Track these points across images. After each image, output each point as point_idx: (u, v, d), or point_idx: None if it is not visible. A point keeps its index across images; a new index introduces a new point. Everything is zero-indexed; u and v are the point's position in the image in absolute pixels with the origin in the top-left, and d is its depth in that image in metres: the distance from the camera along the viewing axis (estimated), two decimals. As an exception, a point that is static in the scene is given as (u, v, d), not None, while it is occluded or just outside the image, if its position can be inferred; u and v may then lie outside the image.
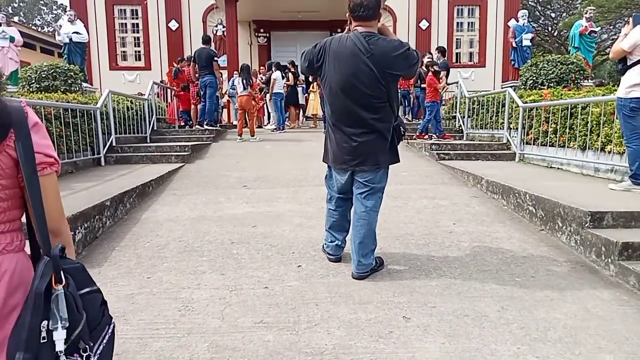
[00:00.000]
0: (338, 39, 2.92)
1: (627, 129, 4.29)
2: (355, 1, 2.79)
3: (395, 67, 2.81)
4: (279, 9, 14.05)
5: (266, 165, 6.90)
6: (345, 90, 2.84)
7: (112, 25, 15.65)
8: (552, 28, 29.52)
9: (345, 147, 2.95)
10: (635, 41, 4.14)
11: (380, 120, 2.88)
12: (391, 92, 2.88)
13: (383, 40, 2.80)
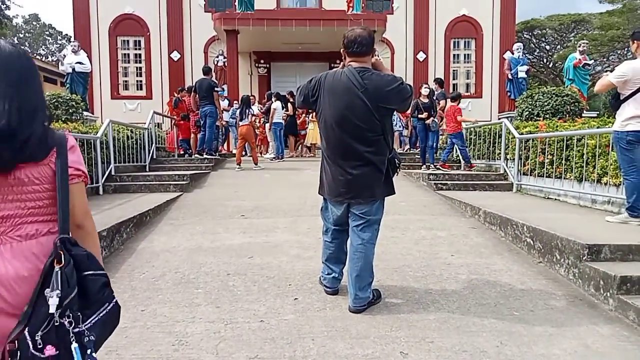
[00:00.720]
0: (333, 74, 2.98)
1: (624, 161, 4.27)
2: (350, 38, 2.88)
3: (388, 101, 2.88)
4: (279, 41, 14.36)
5: (264, 195, 6.91)
6: (340, 124, 2.89)
7: (115, 56, 15.95)
8: (547, 60, 30.15)
9: (340, 179, 2.96)
10: (624, 74, 4.16)
11: (375, 153, 2.91)
12: (385, 126, 2.94)
13: (377, 75, 2.87)
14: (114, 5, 15.68)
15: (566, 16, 28.09)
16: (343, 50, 2.97)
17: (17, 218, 1.35)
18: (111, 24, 15.79)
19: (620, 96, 4.27)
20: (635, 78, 4.12)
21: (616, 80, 4.22)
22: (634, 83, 4.13)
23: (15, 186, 1.34)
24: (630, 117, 4.17)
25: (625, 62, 4.28)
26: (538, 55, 30.57)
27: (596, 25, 24.76)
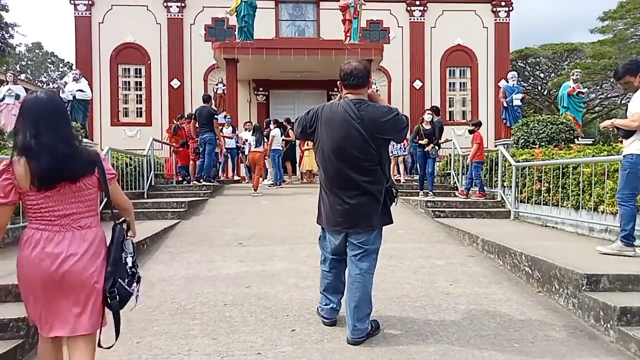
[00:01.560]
0: (330, 106, 3.05)
1: (627, 187, 4.11)
2: (346, 70, 2.97)
3: (384, 131, 2.94)
4: (278, 69, 14.59)
5: (262, 222, 6.90)
6: (337, 154, 2.93)
7: (115, 83, 16.15)
8: (541, 87, 30.59)
9: (338, 209, 2.99)
10: None
11: (372, 182, 2.95)
12: (382, 156, 2.99)
13: (372, 107, 2.96)
14: (116, 35, 15.96)
15: (559, 45, 28.67)
16: (340, 83, 3.06)
17: (77, 214, 2.04)
18: (113, 52, 16.04)
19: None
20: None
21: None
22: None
23: (77, 192, 2.03)
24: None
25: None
26: (533, 83, 31.05)
27: (589, 54, 25.25)
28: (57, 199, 1.99)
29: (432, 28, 16.85)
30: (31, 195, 1.97)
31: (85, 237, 2.02)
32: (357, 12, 13.82)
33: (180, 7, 16.19)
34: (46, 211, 1.99)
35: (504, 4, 16.83)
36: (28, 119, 1.98)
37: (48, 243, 1.96)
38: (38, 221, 1.99)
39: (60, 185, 1.97)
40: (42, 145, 1.93)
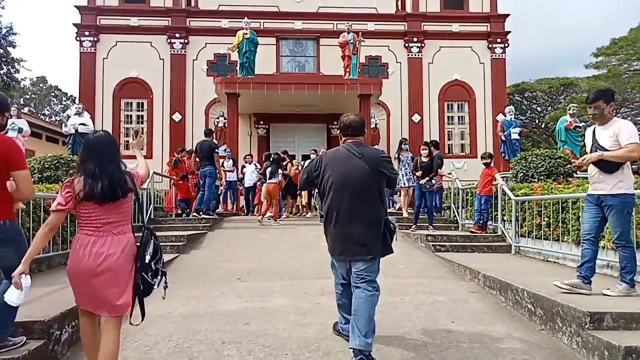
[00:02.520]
0: (333, 150, 3.60)
1: (626, 227, 3.94)
2: (345, 123, 3.49)
3: (383, 166, 3.36)
4: (278, 103, 14.82)
5: (262, 256, 6.85)
6: (344, 186, 3.29)
7: (117, 117, 16.36)
8: (539, 121, 31.01)
9: (342, 238, 3.30)
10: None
11: (374, 212, 3.31)
12: (382, 188, 3.38)
13: (370, 147, 3.55)
14: (119, 69, 16.29)
15: (555, 80, 29.26)
16: (340, 132, 3.58)
17: (117, 222, 2.63)
18: (116, 87, 16.33)
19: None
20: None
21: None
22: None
23: (118, 205, 2.63)
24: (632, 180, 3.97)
25: (629, 122, 4.09)
26: (530, 116, 31.50)
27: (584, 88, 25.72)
28: (103, 210, 2.59)
29: (430, 64, 17.22)
30: (84, 206, 2.58)
31: (121, 241, 2.62)
32: (356, 48, 14.16)
33: (183, 43, 16.60)
34: (94, 219, 2.58)
35: (499, 41, 17.26)
36: (92, 152, 2.64)
37: (94, 245, 2.55)
38: (87, 227, 2.59)
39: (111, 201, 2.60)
40: (102, 171, 2.57)
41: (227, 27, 16.41)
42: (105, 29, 16.39)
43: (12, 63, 21.07)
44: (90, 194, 2.53)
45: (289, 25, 17.05)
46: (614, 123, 4.04)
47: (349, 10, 16.76)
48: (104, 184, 2.55)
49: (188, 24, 16.74)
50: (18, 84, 25.58)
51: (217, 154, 10.11)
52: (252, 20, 14.54)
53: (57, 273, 5.31)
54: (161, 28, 16.54)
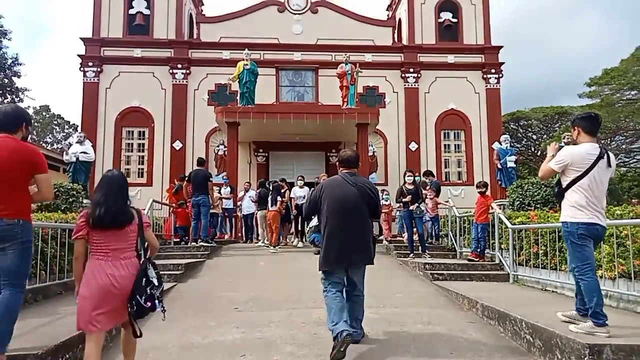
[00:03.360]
0: (330, 179, 4.44)
1: (577, 259, 3.84)
2: (343, 157, 4.33)
3: (371, 191, 4.18)
4: (278, 132, 15.01)
5: (259, 285, 6.82)
6: (340, 208, 4.04)
7: (119, 145, 16.53)
8: (534, 148, 31.28)
9: (342, 250, 3.97)
10: (564, 160, 3.88)
11: (364, 230, 4.11)
12: (369, 210, 4.13)
13: (361, 177, 4.37)
14: (122, 99, 16.57)
15: (549, 108, 29.69)
16: (338, 164, 4.43)
17: (123, 249, 3.06)
18: (118, 116, 16.56)
19: (563, 183, 3.97)
20: (578, 164, 3.83)
21: (557, 167, 3.93)
22: (575, 169, 3.84)
23: (124, 234, 3.07)
24: (580, 207, 3.80)
25: (566, 147, 4.03)
26: (526, 144, 31.80)
27: (579, 116, 26.06)
28: (111, 238, 3.04)
29: (426, 93, 17.55)
30: (95, 234, 3.03)
31: (127, 265, 3.05)
32: (354, 79, 14.47)
33: (185, 74, 16.93)
34: (104, 246, 3.02)
35: (493, 72, 17.65)
36: (103, 185, 3.15)
37: (105, 268, 2.98)
38: (98, 253, 3.02)
39: (114, 228, 3.03)
40: (107, 201, 3.04)
41: (228, 58, 16.79)
42: (109, 60, 16.75)
43: (16, 92, 21.41)
44: (93, 218, 3.00)
45: (288, 57, 17.45)
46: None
47: (346, 42, 17.21)
48: (107, 211, 3.00)
49: (190, 55, 17.12)
50: (20, 112, 25.86)
51: (211, 183, 10.18)
52: (252, 52, 14.89)
53: (53, 303, 5.29)
54: (164, 59, 16.90)
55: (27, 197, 3.27)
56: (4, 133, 3.20)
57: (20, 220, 3.15)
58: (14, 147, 3.17)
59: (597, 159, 3.79)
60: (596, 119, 4.03)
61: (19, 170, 3.15)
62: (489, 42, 17.90)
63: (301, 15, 17.75)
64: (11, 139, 3.19)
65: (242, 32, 17.23)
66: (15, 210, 3.13)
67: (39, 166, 3.24)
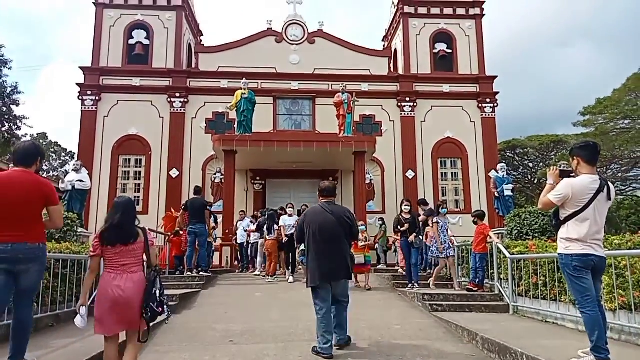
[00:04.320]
0: (312, 208, 5.21)
1: (576, 292, 3.81)
2: (322, 187, 5.08)
3: (347, 217, 4.93)
4: (275, 160, 15.05)
5: (255, 316, 6.69)
6: (320, 233, 4.80)
7: (115, 173, 16.50)
8: (531, 176, 31.42)
9: (324, 267, 4.67)
10: (564, 194, 3.84)
11: (342, 250, 4.86)
12: (345, 233, 4.88)
13: (337, 206, 5.14)
14: (119, 127, 16.65)
15: (545, 137, 29.98)
16: (318, 194, 5.13)
17: (131, 264, 3.55)
18: (115, 144, 16.60)
19: (561, 215, 3.93)
20: (577, 198, 3.79)
21: (556, 200, 3.88)
22: (575, 203, 3.80)
23: (131, 250, 3.56)
24: (572, 239, 3.80)
25: (565, 180, 3.93)
26: (522, 172, 31.95)
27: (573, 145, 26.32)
28: (121, 254, 3.58)
29: (422, 122, 17.72)
30: (107, 251, 3.58)
31: (134, 277, 3.57)
32: (351, 107, 14.63)
33: (183, 102, 17.09)
34: (115, 261, 3.57)
35: (489, 101, 17.89)
36: (114, 207, 3.69)
37: (115, 280, 3.49)
38: (110, 268, 3.56)
39: (123, 246, 3.57)
40: (116, 219, 3.59)
41: (226, 87, 16.99)
42: (108, 89, 16.92)
43: (15, 120, 21.49)
44: (104, 234, 3.57)
45: (286, 86, 17.67)
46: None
47: (343, 71, 17.48)
48: (116, 229, 3.57)
49: (188, 84, 17.32)
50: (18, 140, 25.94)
51: (208, 211, 10.13)
52: (250, 81, 15.08)
53: (45, 337, 5.15)
54: (162, 88, 17.08)
55: (42, 225, 3.80)
56: (21, 167, 3.70)
57: (40, 244, 3.71)
58: (30, 181, 3.66)
59: (597, 192, 3.76)
60: (595, 147, 3.98)
61: (35, 202, 3.66)
62: (484, 72, 18.22)
63: (298, 45, 18.08)
64: (27, 173, 3.69)
65: (241, 61, 17.49)
66: (35, 236, 3.67)
67: (52, 199, 3.76)
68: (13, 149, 4.06)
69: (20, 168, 3.69)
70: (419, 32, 18.49)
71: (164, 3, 17.90)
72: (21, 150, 3.80)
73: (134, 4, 17.74)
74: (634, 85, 23.19)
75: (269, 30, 18.13)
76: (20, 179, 3.62)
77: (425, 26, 18.57)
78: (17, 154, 3.79)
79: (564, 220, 3.88)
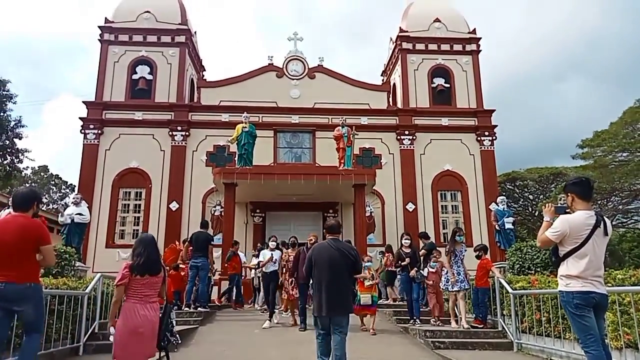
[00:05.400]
0: (319, 244, 5.39)
1: (579, 330, 3.73)
2: (327, 225, 5.31)
3: (350, 253, 5.07)
4: (275, 193, 15.05)
5: (254, 354, 6.54)
6: (326, 268, 4.96)
7: (115, 206, 16.47)
8: (532, 209, 31.33)
9: (325, 300, 4.81)
10: (562, 231, 3.81)
11: (345, 285, 5.01)
12: (349, 269, 5.01)
13: (343, 242, 5.37)
14: (120, 160, 16.75)
15: (544, 169, 30.09)
16: (325, 231, 5.49)
17: (151, 295, 4.09)
18: (115, 177, 16.65)
19: (560, 252, 3.89)
20: (575, 234, 3.77)
21: (554, 237, 3.85)
22: (574, 239, 3.78)
23: (154, 282, 4.11)
24: (575, 276, 3.74)
25: (562, 217, 3.90)
26: (523, 204, 31.89)
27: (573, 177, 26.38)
28: (145, 285, 4.04)
29: (422, 155, 17.84)
30: (135, 282, 4.00)
31: (153, 307, 4.06)
32: (351, 141, 14.75)
33: (184, 135, 17.26)
34: (139, 292, 4.02)
35: (487, 134, 18.06)
36: (141, 242, 4.23)
37: (139, 310, 3.95)
38: (133, 298, 4.00)
39: (150, 277, 4.05)
40: (147, 257, 4.08)
41: (227, 121, 17.19)
42: (110, 122, 17.12)
43: (17, 153, 21.64)
44: (136, 265, 4.01)
45: (286, 119, 17.89)
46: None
47: (343, 105, 17.75)
48: (147, 260, 4.06)
49: (190, 118, 17.55)
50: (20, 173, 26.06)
51: (211, 246, 10.06)
52: (251, 115, 15.28)
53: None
54: (164, 121, 17.29)
55: (35, 264, 3.97)
56: (19, 212, 3.98)
57: (30, 283, 3.87)
58: (23, 224, 3.89)
59: (594, 228, 3.75)
60: (588, 183, 3.98)
61: (26, 243, 3.85)
62: (481, 105, 18.47)
63: (299, 80, 18.41)
64: (22, 217, 3.95)
65: (242, 95, 17.77)
66: (24, 276, 3.83)
67: (43, 239, 3.96)
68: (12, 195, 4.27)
69: (18, 213, 3.99)
70: (417, 67, 18.87)
71: (168, 40, 18.35)
72: (19, 196, 4.12)
73: (138, 41, 18.18)
74: (631, 118, 23.47)
75: (270, 66, 18.51)
76: (16, 223, 3.89)
77: (423, 61, 18.97)
78: (14, 199, 4.11)
79: (563, 257, 3.85)
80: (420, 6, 20.11)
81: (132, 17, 18.41)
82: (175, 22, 18.61)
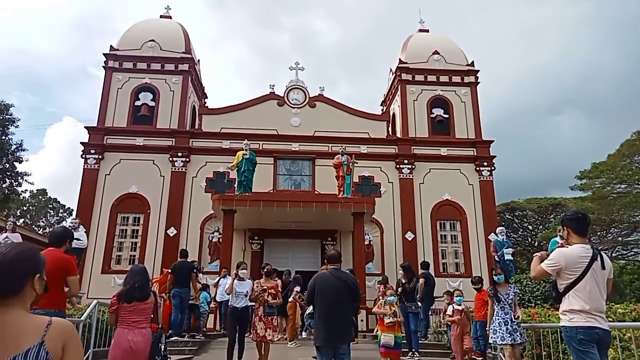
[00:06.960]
0: (320, 274, 5.40)
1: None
2: (329, 255, 5.47)
3: (351, 282, 5.16)
4: (273, 220, 15.02)
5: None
6: (328, 297, 5.03)
7: (112, 231, 16.39)
8: (531, 239, 31.23)
9: (329, 329, 4.89)
10: (557, 262, 3.79)
11: (347, 315, 5.14)
12: (350, 299, 5.10)
13: (344, 272, 5.44)
14: (120, 185, 16.76)
15: (543, 200, 30.17)
16: (326, 261, 5.56)
17: (141, 321, 4.42)
18: (114, 202, 16.62)
19: (559, 287, 3.85)
20: (571, 267, 3.74)
21: (550, 270, 3.83)
22: (570, 273, 3.75)
23: (142, 309, 4.45)
24: (578, 311, 3.67)
25: (558, 250, 3.91)
26: (522, 234, 31.82)
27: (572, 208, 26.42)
28: (134, 312, 4.34)
29: (421, 184, 17.89)
30: (123, 309, 4.37)
31: (143, 333, 4.32)
32: (350, 169, 14.82)
33: (184, 162, 17.34)
34: (128, 318, 4.33)
35: (486, 164, 18.16)
36: (131, 273, 4.58)
37: (127, 335, 4.22)
38: (123, 324, 4.32)
39: (138, 303, 4.35)
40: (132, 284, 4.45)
41: (227, 147, 17.31)
42: (111, 147, 17.22)
43: (16, 177, 21.69)
44: (123, 293, 4.40)
45: (286, 147, 18.02)
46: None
47: (343, 134, 17.92)
48: (130, 288, 4.39)
49: (190, 144, 17.66)
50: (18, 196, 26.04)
51: (194, 275, 9.98)
52: (251, 142, 15.41)
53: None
54: (165, 147, 17.40)
55: (63, 294, 4.51)
56: (53, 247, 4.62)
57: (56, 310, 4.26)
58: (56, 258, 4.43)
59: (591, 262, 3.74)
60: (584, 219, 3.99)
61: (56, 274, 4.33)
62: (480, 136, 18.64)
63: (300, 109, 18.64)
64: (55, 251, 4.55)
65: (243, 123, 17.96)
66: (52, 303, 4.23)
67: (70, 271, 4.55)
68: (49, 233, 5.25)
69: (52, 248, 4.62)
70: (417, 97, 19.15)
71: (171, 68, 18.67)
72: (53, 234, 4.97)
73: (142, 68, 18.49)
74: (628, 150, 23.66)
75: (271, 94, 18.78)
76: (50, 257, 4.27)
77: (422, 92, 19.26)
78: (51, 237, 4.90)
79: (564, 292, 3.81)
80: (419, 39, 20.60)
81: (137, 45, 18.77)
82: (179, 50, 18.98)
